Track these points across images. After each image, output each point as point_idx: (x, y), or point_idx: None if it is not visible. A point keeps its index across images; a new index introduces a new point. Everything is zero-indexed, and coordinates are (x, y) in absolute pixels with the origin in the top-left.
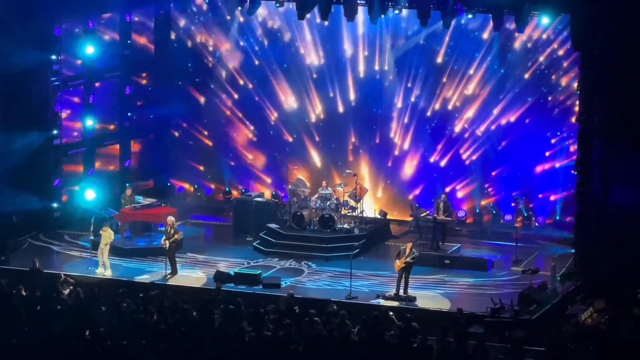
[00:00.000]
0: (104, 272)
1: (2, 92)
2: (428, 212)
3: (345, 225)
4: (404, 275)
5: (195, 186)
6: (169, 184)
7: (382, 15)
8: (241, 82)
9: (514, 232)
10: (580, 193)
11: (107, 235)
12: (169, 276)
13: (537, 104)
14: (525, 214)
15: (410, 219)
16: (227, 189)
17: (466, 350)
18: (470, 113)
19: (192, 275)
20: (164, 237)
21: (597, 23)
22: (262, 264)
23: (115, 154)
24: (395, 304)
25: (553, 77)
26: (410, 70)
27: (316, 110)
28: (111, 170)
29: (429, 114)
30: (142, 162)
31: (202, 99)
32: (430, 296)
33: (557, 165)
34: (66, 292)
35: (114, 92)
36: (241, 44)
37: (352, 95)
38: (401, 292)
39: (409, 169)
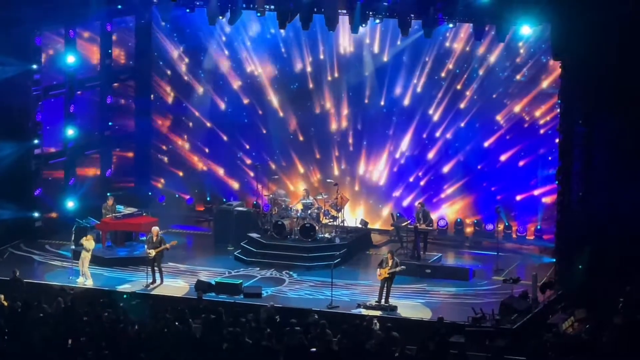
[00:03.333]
0: (85, 281)
1: None
2: (409, 221)
3: (327, 235)
4: (386, 285)
5: (177, 195)
6: (150, 193)
7: (363, 25)
8: (224, 90)
9: (495, 241)
10: (561, 202)
11: (89, 245)
12: (151, 286)
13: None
14: (507, 224)
15: (391, 228)
16: (209, 198)
17: (447, 359)
18: (454, 123)
19: (173, 285)
20: (146, 246)
21: (577, 31)
22: (243, 274)
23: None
24: (376, 313)
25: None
26: (398, 80)
27: (300, 121)
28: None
29: (412, 122)
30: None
31: (184, 117)
32: (411, 305)
33: (539, 175)
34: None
35: (94, 102)
36: (225, 53)
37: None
38: (382, 301)
39: (390, 178)
